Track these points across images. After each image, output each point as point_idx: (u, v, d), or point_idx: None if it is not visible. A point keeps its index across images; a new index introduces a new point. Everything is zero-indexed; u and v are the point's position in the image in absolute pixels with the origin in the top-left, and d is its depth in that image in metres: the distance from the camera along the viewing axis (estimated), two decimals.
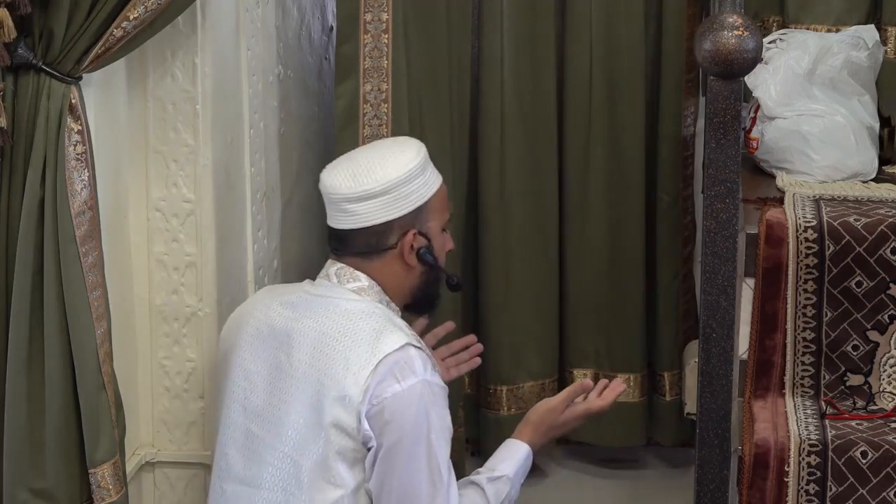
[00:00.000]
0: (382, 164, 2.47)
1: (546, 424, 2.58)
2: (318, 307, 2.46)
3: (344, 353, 2.37)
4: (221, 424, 2.52)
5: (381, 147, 2.58)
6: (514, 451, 2.56)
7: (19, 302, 2.36)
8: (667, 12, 3.28)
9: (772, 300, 2.72)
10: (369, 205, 2.46)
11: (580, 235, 3.40)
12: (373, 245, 2.48)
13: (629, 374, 3.43)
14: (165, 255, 2.76)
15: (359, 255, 2.49)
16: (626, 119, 3.33)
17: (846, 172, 3.01)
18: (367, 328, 2.39)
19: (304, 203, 3.30)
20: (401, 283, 2.51)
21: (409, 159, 2.48)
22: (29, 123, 2.34)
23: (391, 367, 2.34)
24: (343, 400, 2.34)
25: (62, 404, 2.40)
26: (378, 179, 2.45)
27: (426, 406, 2.36)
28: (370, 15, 3.12)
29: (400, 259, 2.49)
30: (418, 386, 2.35)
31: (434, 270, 2.53)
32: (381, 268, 2.49)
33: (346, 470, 2.36)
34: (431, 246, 2.51)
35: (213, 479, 2.54)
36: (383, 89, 3.14)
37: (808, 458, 2.55)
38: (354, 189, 2.45)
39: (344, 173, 2.48)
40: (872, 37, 3.19)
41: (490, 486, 2.50)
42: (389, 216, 2.46)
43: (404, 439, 2.34)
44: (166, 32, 2.56)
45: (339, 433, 2.35)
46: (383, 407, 2.33)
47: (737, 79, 2.47)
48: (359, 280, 2.49)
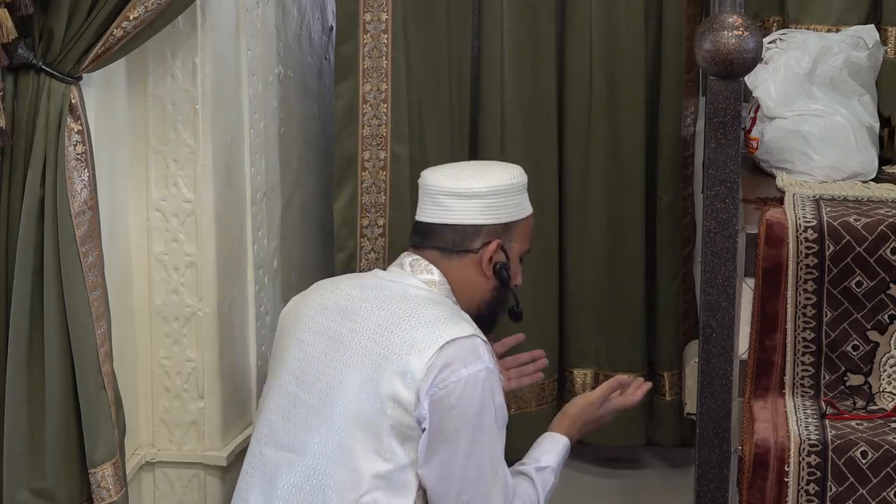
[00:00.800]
0: (488, 171, 2.57)
1: (583, 418, 2.64)
2: (387, 290, 2.50)
3: (410, 332, 2.40)
4: (271, 391, 2.53)
5: (489, 161, 2.75)
6: (555, 443, 2.61)
7: (19, 302, 2.36)
8: (667, 12, 3.28)
9: (772, 300, 2.72)
10: (466, 203, 2.52)
11: (580, 235, 3.40)
12: (457, 243, 2.53)
13: (629, 374, 3.42)
14: (165, 255, 2.76)
15: (438, 250, 2.53)
16: (626, 119, 3.33)
17: (846, 172, 3.01)
18: (436, 313, 2.43)
19: (304, 203, 3.30)
20: (471, 291, 2.55)
21: (514, 174, 2.59)
22: (29, 123, 2.34)
23: (457, 351, 2.37)
24: (404, 375, 2.36)
25: (62, 404, 2.40)
26: (482, 182, 2.53)
27: (492, 392, 2.39)
28: (370, 15, 3.12)
29: (477, 266, 2.53)
30: (484, 372, 2.38)
31: (504, 289, 2.58)
32: (457, 268, 2.53)
33: (398, 445, 2.37)
34: (509, 265, 2.56)
35: (252, 444, 2.54)
36: (382, 89, 3.15)
37: (808, 458, 2.55)
38: (456, 185, 2.53)
39: (449, 171, 2.58)
40: (872, 37, 3.19)
41: (538, 476, 2.55)
42: (481, 220, 2.53)
43: (469, 424, 2.37)
44: (166, 32, 2.56)
45: (395, 407, 2.36)
46: (450, 391, 2.35)
47: (737, 79, 2.47)
48: (431, 273, 2.53)
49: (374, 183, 3.18)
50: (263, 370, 2.95)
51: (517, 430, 3.16)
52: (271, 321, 3.02)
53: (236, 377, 2.91)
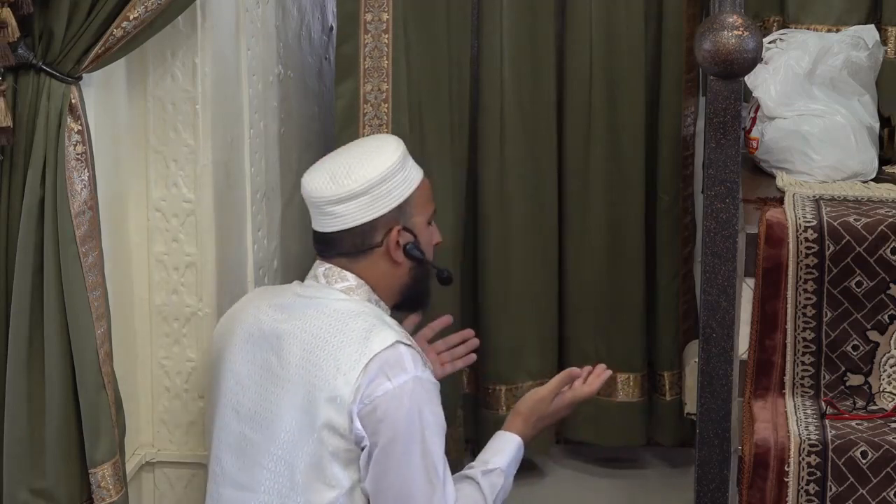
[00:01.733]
0: (361, 164, 2.47)
1: (536, 415, 2.58)
2: (307, 308, 2.46)
3: (334, 353, 2.37)
4: (215, 428, 2.52)
5: (358, 147, 2.58)
6: (505, 442, 2.56)
7: (19, 302, 2.36)
8: (667, 12, 3.28)
9: (772, 300, 2.72)
10: (352, 205, 2.46)
11: (580, 235, 3.40)
12: (358, 245, 2.48)
13: (629, 374, 3.43)
14: (165, 255, 2.76)
15: (346, 256, 2.49)
16: (626, 119, 3.33)
17: (846, 172, 3.01)
18: (356, 328, 2.39)
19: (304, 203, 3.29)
20: (390, 281, 2.51)
21: (387, 157, 2.48)
22: (29, 123, 2.34)
23: (381, 365, 2.34)
24: (335, 401, 2.34)
25: (62, 404, 2.40)
26: (358, 179, 2.45)
27: (419, 403, 2.36)
28: (370, 15, 3.12)
29: (387, 256, 2.49)
30: (410, 383, 2.35)
31: (422, 265, 2.53)
32: (368, 267, 2.49)
33: (340, 470, 2.36)
34: (418, 241, 2.51)
35: (209, 483, 2.53)
36: (383, 89, 3.15)
37: (808, 458, 2.55)
38: (335, 191, 2.46)
39: (323, 176, 2.49)
40: (872, 37, 3.19)
41: (484, 480, 2.50)
42: (372, 215, 2.47)
43: (398, 437, 2.34)
44: (166, 32, 2.55)
45: (331, 434, 2.35)
46: (375, 406, 2.33)
47: (737, 79, 2.47)
48: (347, 280, 2.49)
49: None
50: None
51: None
52: None
53: None
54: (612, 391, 3.44)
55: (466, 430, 3.49)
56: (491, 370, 3.42)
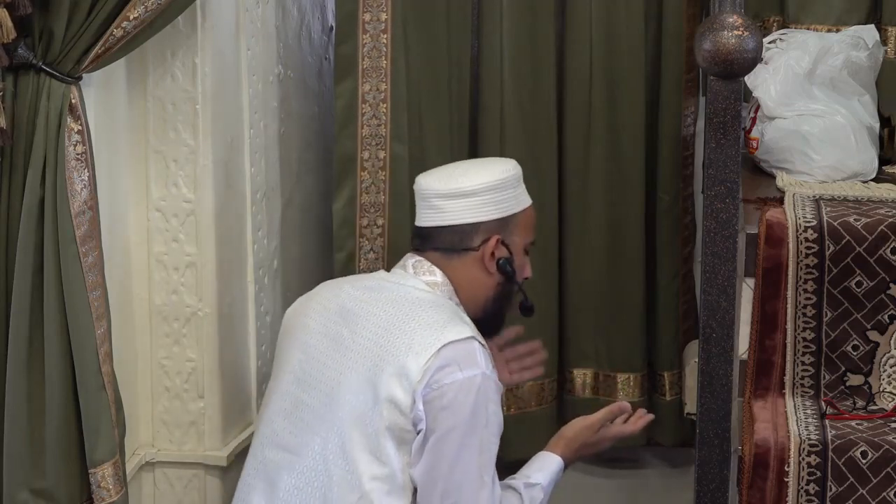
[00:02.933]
0: (479, 169, 2.58)
1: (580, 441, 2.63)
2: (389, 292, 2.51)
3: (409, 334, 2.40)
4: (273, 393, 2.54)
5: (481, 159, 2.77)
6: (548, 462, 2.60)
7: (19, 302, 2.36)
8: (667, 12, 3.28)
9: (772, 300, 2.72)
10: (459, 203, 2.53)
11: (580, 235, 3.40)
12: (456, 243, 2.53)
13: (629, 374, 3.43)
14: (165, 255, 2.76)
15: (439, 252, 2.54)
16: (626, 119, 3.33)
17: (846, 172, 3.01)
18: (435, 316, 2.43)
19: (304, 203, 3.30)
20: (475, 289, 2.55)
21: (505, 169, 2.59)
22: (29, 123, 2.35)
23: (454, 354, 2.37)
24: (401, 377, 2.36)
25: (62, 404, 2.40)
26: (473, 180, 2.54)
27: (486, 398, 2.39)
28: (369, 15, 3.12)
29: (479, 263, 2.54)
30: (479, 378, 2.38)
31: (509, 285, 2.58)
32: (459, 268, 2.54)
33: (393, 448, 2.38)
34: (512, 259, 2.56)
35: (253, 446, 2.55)
36: (382, 89, 3.15)
37: (808, 458, 2.55)
38: (448, 186, 2.54)
39: (440, 173, 2.60)
40: (872, 37, 3.19)
41: (526, 493, 2.54)
42: (477, 218, 2.53)
43: (459, 427, 2.36)
44: (166, 32, 2.56)
45: (392, 409, 2.37)
46: (443, 392, 2.36)
47: (737, 79, 2.47)
48: (434, 275, 2.53)
49: (373, 183, 3.18)
50: (263, 370, 2.95)
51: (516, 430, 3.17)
52: (271, 321, 3.02)
53: (236, 377, 2.91)
54: (612, 391, 3.44)
55: None
56: None
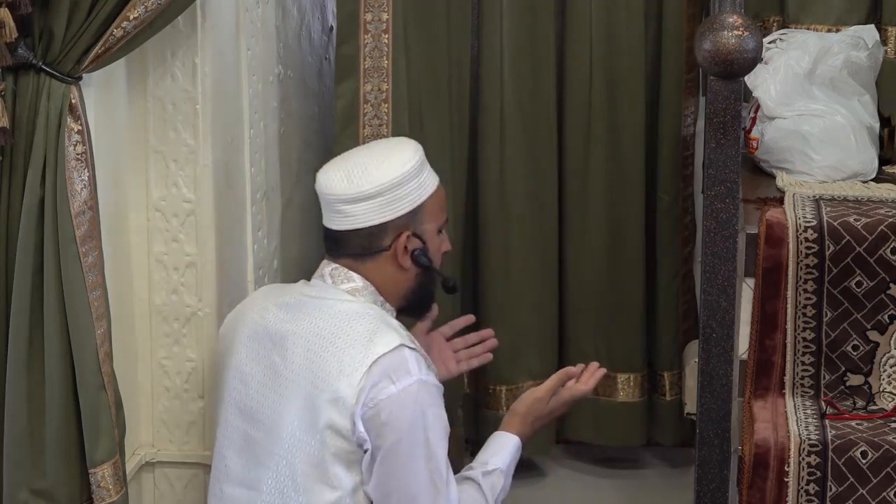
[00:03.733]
0: (378, 166, 2.46)
1: (533, 415, 2.58)
2: (312, 308, 2.46)
3: (338, 354, 2.37)
4: (219, 426, 2.52)
5: (377, 148, 2.57)
6: (503, 442, 2.56)
7: (19, 302, 2.36)
8: (667, 12, 3.28)
9: (772, 300, 2.72)
10: (364, 206, 2.45)
11: (580, 235, 3.40)
12: (366, 246, 2.48)
13: (629, 374, 3.43)
14: (165, 255, 2.76)
15: (353, 257, 2.49)
16: (626, 119, 3.33)
17: (846, 172, 3.01)
18: (360, 329, 2.39)
19: (304, 203, 3.30)
20: (395, 285, 2.51)
21: (404, 161, 2.47)
22: (29, 123, 2.34)
23: (385, 368, 2.34)
24: (337, 402, 2.34)
25: (62, 404, 2.40)
26: (373, 181, 2.44)
27: (423, 406, 2.36)
28: (370, 15, 3.12)
29: (394, 261, 2.49)
30: (414, 386, 2.35)
31: (429, 272, 2.53)
32: (375, 269, 2.49)
33: (342, 471, 2.36)
34: (426, 248, 2.51)
35: (211, 480, 2.54)
36: (383, 89, 3.15)
37: (808, 458, 2.55)
38: (349, 190, 2.45)
39: (339, 174, 2.48)
40: (872, 37, 3.19)
41: (485, 481, 2.50)
42: (384, 218, 2.46)
43: (402, 441, 2.34)
44: (166, 32, 2.56)
45: (334, 435, 2.35)
46: (379, 409, 2.33)
47: (737, 79, 2.47)
48: (353, 281, 2.49)
49: None
50: None
51: None
52: None
53: None
54: (612, 391, 3.44)
55: (466, 430, 3.49)
56: (491, 370, 3.42)
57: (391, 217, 2.46)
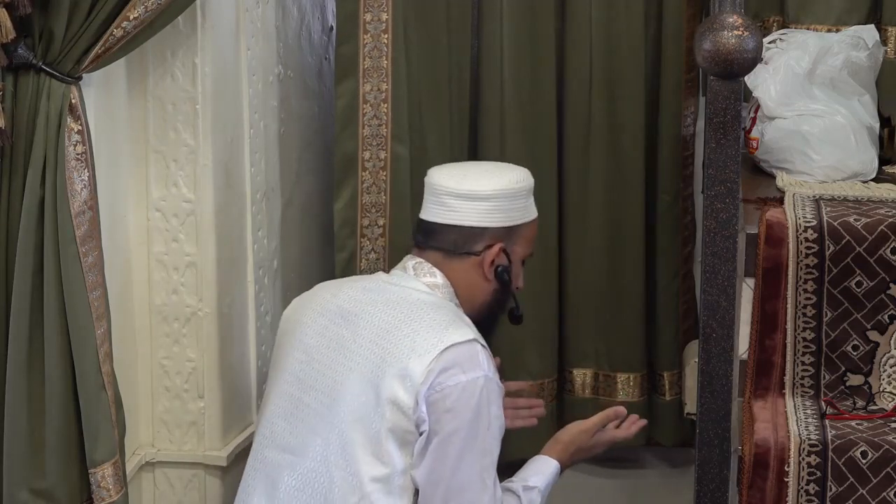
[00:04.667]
0: (496, 175, 2.57)
1: (576, 445, 2.63)
2: (390, 293, 2.50)
3: (411, 335, 2.40)
4: (272, 394, 2.54)
5: (496, 163, 2.73)
6: (544, 466, 2.60)
7: (19, 302, 2.36)
8: (667, 12, 3.28)
9: (772, 300, 2.72)
10: (471, 205, 2.52)
11: (580, 235, 3.40)
12: (460, 245, 2.53)
13: (629, 374, 3.43)
14: (165, 255, 2.76)
15: (441, 252, 2.53)
16: (626, 119, 3.33)
17: (846, 172, 3.01)
18: (437, 318, 2.43)
19: (304, 203, 3.30)
20: (473, 293, 2.55)
21: (520, 178, 2.59)
22: (29, 123, 2.35)
23: (457, 356, 2.37)
24: (404, 378, 2.36)
25: (62, 404, 2.40)
26: (488, 184, 2.53)
27: (488, 401, 2.39)
28: (370, 15, 3.12)
29: (479, 268, 2.53)
30: (482, 380, 2.38)
31: (505, 292, 2.58)
32: (459, 270, 2.53)
33: (395, 449, 2.38)
34: (510, 268, 2.56)
35: (254, 446, 2.55)
36: (383, 89, 3.15)
37: (808, 458, 2.55)
38: (463, 186, 2.53)
39: (456, 171, 2.59)
40: (872, 37, 3.19)
41: (525, 495, 2.54)
42: (485, 223, 2.53)
43: (462, 430, 2.36)
44: (166, 32, 2.56)
45: (394, 410, 2.36)
46: (446, 395, 2.35)
47: (737, 79, 2.47)
48: (434, 276, 2.53)
49: (374, 183, 3.18)
50: (263, 370, 2.95)
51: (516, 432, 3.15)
52: (271, 321, 3.02)
53: (236, 377, 2.91)
54: (612, 391, 3.44)
55: None
56: None
57: (493, 224, 2.53)
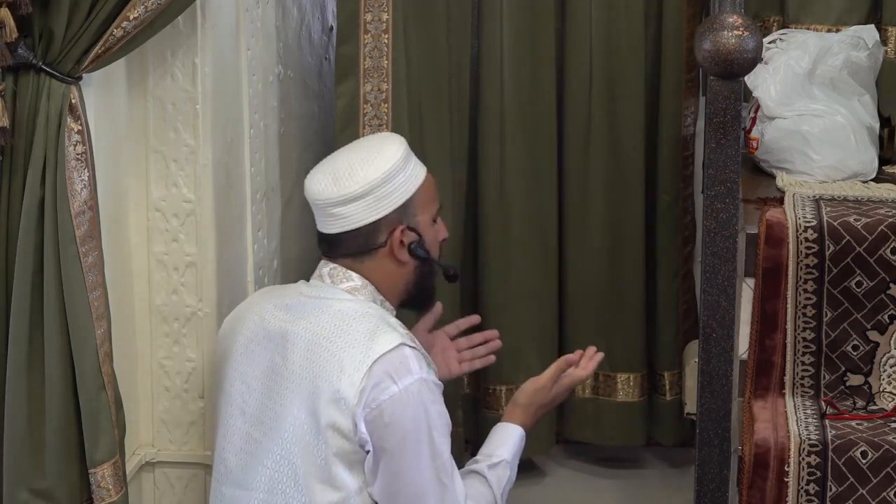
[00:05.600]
0: (363, 165, 2.46)
1: (535, 404, 2.59)
2: (311, 308, 2.46)
3: (338, 354, 2.37)
4: (220, 428, 2.52)
5: (361, 146, 2.57)
6: (508, 434, 2.56)
7: (19, 302, 2.36)
8: (667, 12, 3.28)
9: (772, 300, 2.72)
10: (354, 207, 2.46)
11: (580, 235, 3.40)
12: (362, 245, 2.48)
13: (629, 374, 3.44)
14: (165, 255, 2.76)
15: (350, 257, 2.49)
16: (626, 119, 3.33)
17: (846, 172, 3.01)
18: (360, 329, 2.39)
19: (304, 203, 3.27)
20: (395, 281, 2.51)
21: (389, 156, 2.47)
22: (29, 123, 2.34)
23: (386, 367, 2.34)
24: (338, 402, 2.34)
25: (62, 404, 2.40)
26: (360, 181, 2.45)
27: (425, 404, 2.36)
28: (370, 15, 3.12)
29: (391, 256, 2.49)
30: (415, 385, 2.35)
31: (427, 263, 2.53)
32: (373, 267, 2.49)
33: (345, 472, 2.36)
34: (422, 239, 2.51)
35: (213, 482, 2.54)
36: (383, 89, 3.15)
37: (808, 458, 2.55)
38: (337, 193, 2.45)
39: (326, 178, 2.48)
40: (872, 37, 3.19)
41: (491, 473, 2.51)
42: (376, 215, 2.46)
43: (407, 440, 2.34)
44: (166, 32, 2.56)
45: (335, 435, 2.35)
46: (382, 410, 2.33)
47: (737, 79, 2.47)
48: (352, 280, 2.49)
49: None
50: None
51: None
52: None
53: None
54: (612, 391, 3.44)
55: (466, 430, 3.49)
56: (491, 370, 3.42)
57: (383, 213, 2.46)
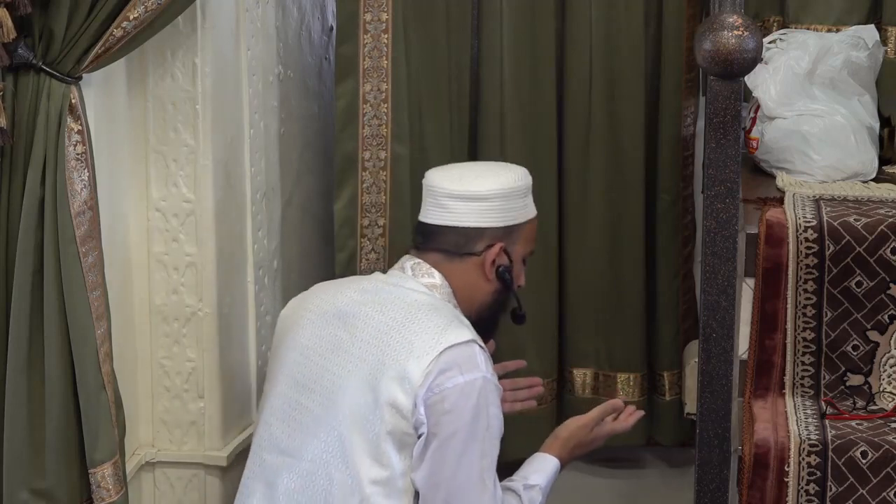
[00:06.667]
0: (492, 175, 2.57)
1: (575, 440, 2.63)
2: (387, 295, 2.50)
3: (409, 337, 2.40)
4: (270, 396, 2.54)
5: (492, 162, 2.76)
6: (545, 463, 2.59)
7: (19, 302, 2.36)
8: (667, 12, 3.28)
9: (772, 300, 2.72)
10: (469, 206, 2.52)
11: (580, 235, 3.40)
12: (460, 245, 2.53)
13: (629, 374, 3.43)
14: (165, 255, 2.76)
15: (441, 253, 2.53)
16: (625, 119, 3.33)
17: (846, 172, 3.01)
18: (435, 319, 2.42)
19: (304, 203, 3.30)
20: (473, 292, 2.55)
21: (517, 177, 2.59)
22: (29, 123, 2.35)
23: (455, 357, 2.37)
24: (402, 380, 2.36)
25: (62, 404, 2.40)
26: (485, 185, 2.53)
27: (486, 402, 2.39)
28: (370, 15, 3.12)
29: (480, 268, 2.53)
30: (480, 381, 2.38)
31: (506, 292, 2.58)
32: (458, 271, 2.53)
33: (394, 452, 2.38)
34: (511, 268, 2.56)
35: (252, 449, 2.55)
36: (383, 89, 3.15)
37: (808, 458, 2.55)
38: (460, 187, 2.53)
39: (453, 172, 2.59)
40: (872, 37, 3.19)
41: (525, 494, 2.54)
42: (484, 223, 2.53)
43: (461, 432, 2.36)
44: (166, 32, 2.56)
45: (393, 412, 2.36)
46: (444, 396, 2.35)
47: (737, 79, 2.47)
48: (433, 277, 2.53)
49: (374, 183, 3.18)
50: (263, 370, 2.95)
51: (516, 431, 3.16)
52: (271, 321, 3.02)
53: (236, 377, 2.91)
54: (612, 391, 3.44)
55: None
56: None
57: (491, 224, 2.53)
